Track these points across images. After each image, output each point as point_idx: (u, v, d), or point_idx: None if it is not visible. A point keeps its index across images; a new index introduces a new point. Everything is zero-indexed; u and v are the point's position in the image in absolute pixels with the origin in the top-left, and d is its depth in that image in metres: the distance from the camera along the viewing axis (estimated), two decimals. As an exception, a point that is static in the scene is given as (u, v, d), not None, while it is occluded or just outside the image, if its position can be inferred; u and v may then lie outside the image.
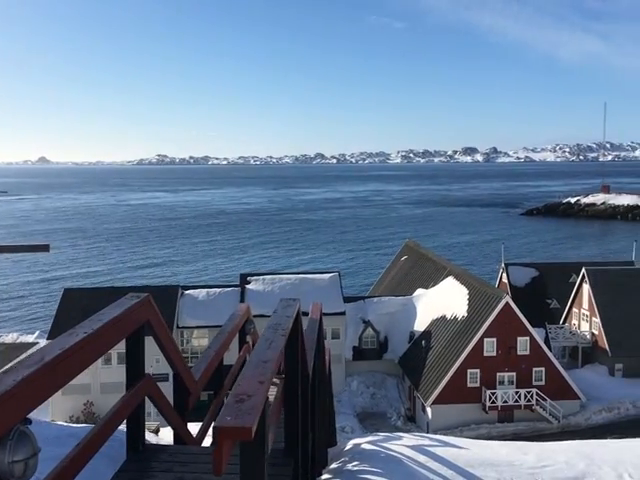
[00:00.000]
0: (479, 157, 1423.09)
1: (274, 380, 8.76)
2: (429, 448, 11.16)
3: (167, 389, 5.26)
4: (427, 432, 36.42)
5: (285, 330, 4.44)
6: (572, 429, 38.97)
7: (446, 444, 12.05)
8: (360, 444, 10.33)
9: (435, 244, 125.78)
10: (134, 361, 4.66)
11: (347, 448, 10.13)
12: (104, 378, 40.13)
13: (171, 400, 5.40)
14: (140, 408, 4.75)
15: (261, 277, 48.84)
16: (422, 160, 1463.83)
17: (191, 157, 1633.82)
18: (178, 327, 44.74)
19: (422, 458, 10.10)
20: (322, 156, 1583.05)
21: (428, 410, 40.02)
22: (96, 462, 4.19)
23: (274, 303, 5.43)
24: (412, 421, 42.29)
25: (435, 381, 40.57)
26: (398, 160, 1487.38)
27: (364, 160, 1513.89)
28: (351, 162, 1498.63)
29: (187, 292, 47.22)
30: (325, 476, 7.97)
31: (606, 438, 18.76)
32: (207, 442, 6.52)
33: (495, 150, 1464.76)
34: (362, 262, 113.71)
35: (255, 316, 11.30)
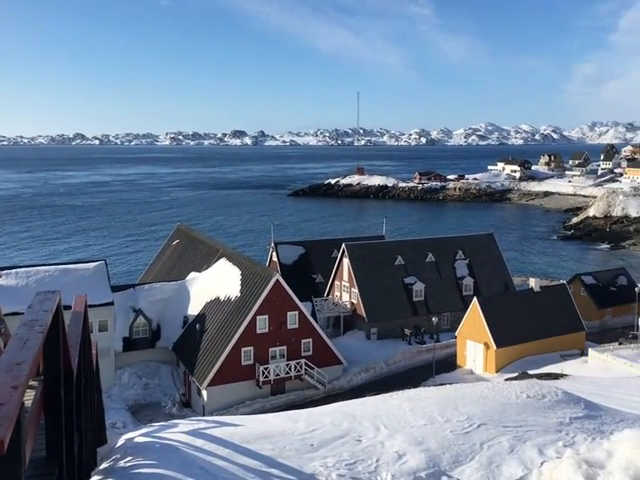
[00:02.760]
0: (248, 140, 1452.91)
1: (31, 383, 7.99)
2: (205, 431, 11.29)
3: None
4: (203, 415, 36.64)
5: (43, 327, 4.09)
6: (336, 392, 42.58)
7: (222, 424, 12.32)
8: (133, 438, 10.02)
9: (209, 226, 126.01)
10: None
11: (119, 444, 9.74)
12: None
13: None
14: None
15: (13, 270, 43.83)
16: (192, 142, 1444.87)
17: None
18: None
19: (199, 442, 10.18)
20: (83, 137, 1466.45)
21: (204, 393, 40.23)
22: None
23: (30, 298, 4.94)
24: (188, 406, 42.12)
25: (210, 363, 40.89)
26: (167, 142, 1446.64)
27: (130, 142, 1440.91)
28: (116, 144, 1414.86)
29: None
30: (95, 478, 7.57)
31: (365, 396, 20.91)
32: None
33: (263, 134, 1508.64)
34: (132, 248, 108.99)
35: (7, 314, 10.17)
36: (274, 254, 61.41)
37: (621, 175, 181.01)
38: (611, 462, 6.28)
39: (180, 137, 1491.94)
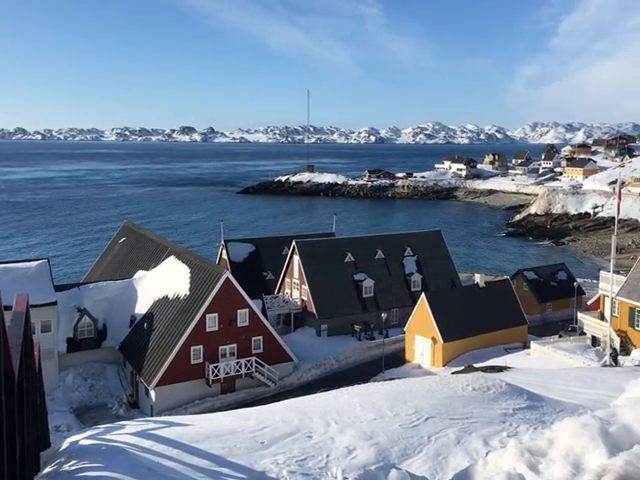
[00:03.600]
0: (197, 137, 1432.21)
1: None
2: (154, 431, 11.11)
3: None
4: (151, 416, 36.00)
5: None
6: (287, 389, 42.58)
7: (171, 424, 12.15)
8: (77, 441, 9.77)
9: (157, 224, 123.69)
10: None
11: (63, 448, 9.47)
12: None
13: None
14: None
15: (-50, 269, 41.90)
16: (139, 138, 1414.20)
17: None
18: None
19: (147, 443, 10.01)
20: (24, 131, 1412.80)
21: (152, 393, 39.50)
22: None
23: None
24: (135, 407, 41.25)
25: (158, 363, 40.16)
26: (113, 138, 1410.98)
27: (74, 137, 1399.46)
28: (59, 139, 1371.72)
29: None
30: (38, 482, 7.34)
31: (315, 393, 21.01)
32: None
33: (212, 130, 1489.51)
34: (77, 247, 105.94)
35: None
36: (224, 252, 60.83)
37: (561, 174, 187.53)
38: (552, 450, 6.52)
39: (127, 133, 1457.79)
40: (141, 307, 45.29)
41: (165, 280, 45.90)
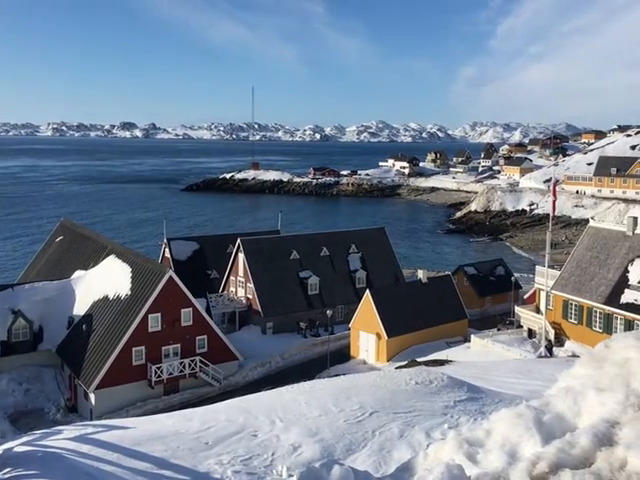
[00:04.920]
0: (138, 132, 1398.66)
1: None
2: (93, 436, 10.81)
3: None
4: (91, 419, 35.01)
5: None
6: (232, 388, 42.13)
7: (111, 428, 11.85)
8: (12, 448, 9.41)
9: (97, 222, 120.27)
10: None
11: (-5, 456, 9.10)
12: None
13: None
14: None
15: None
16: (77, 134, 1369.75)
17: None
18: None
19: (85, 447, 9.73)
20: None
21: (91, 396, 38.36)
22: None
23: None
24: (74, 411, 39.96)
25: (98, 365, 39.04)
26: (49, 133, 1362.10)
27: (8, 132, 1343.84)
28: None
29: None
30: (-32, 493, 7.03)
31: (261, 391, 20.94)
32: None
33: (154, 126, 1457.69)
34: (12, 246, 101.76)
35: None
36: (167, 250, 59.72)
37: (499, 172, 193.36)
38: (489, 440, 6.72)
39: (64, 128, 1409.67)
40: (80, 308, 43.90)
41: (105, 280, 44.63)
